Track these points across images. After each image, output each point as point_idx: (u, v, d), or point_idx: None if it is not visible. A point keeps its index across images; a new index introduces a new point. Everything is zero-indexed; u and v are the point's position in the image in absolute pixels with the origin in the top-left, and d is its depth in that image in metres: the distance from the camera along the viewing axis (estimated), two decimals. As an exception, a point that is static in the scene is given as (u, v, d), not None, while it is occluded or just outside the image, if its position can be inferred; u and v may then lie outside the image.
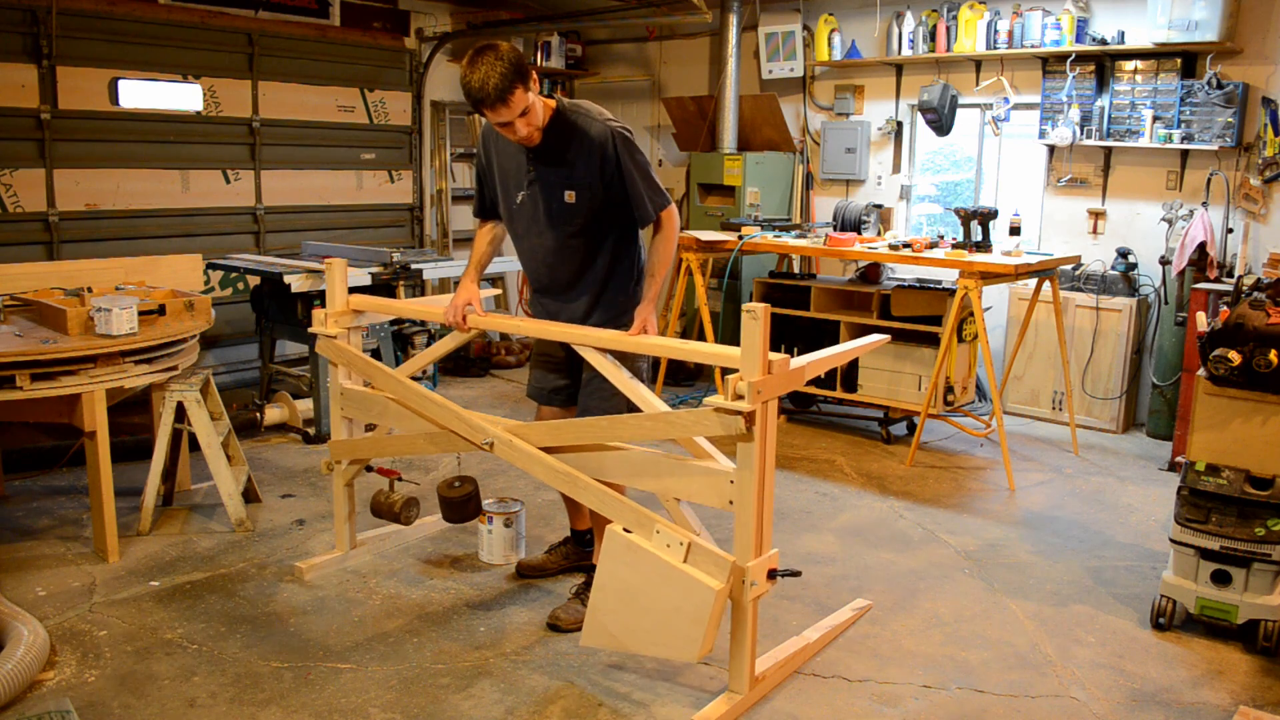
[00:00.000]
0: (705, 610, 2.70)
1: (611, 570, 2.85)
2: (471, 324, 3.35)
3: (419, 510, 3.74)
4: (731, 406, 2.62)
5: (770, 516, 2.79)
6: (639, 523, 2.84)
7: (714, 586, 2.68)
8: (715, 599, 2.68)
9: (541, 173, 3.16)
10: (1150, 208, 5.76)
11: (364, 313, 3.69)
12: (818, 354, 3.00)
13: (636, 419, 2.90)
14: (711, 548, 2.75)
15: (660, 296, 3.21)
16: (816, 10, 6.87)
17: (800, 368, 2.81)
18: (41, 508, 4.33)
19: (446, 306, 3.38)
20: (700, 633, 2.71)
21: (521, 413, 5.08)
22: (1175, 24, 5.22)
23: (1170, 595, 3.39)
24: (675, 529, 2.79)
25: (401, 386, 3.42)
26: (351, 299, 3.66)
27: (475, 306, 3.36)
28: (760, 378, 2.62)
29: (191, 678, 2.99)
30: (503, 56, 2.87)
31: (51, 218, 5.64)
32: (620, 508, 2.90)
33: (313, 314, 3.65)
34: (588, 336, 3.10)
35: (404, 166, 7.45)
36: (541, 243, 3.24)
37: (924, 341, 5.38)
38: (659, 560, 2.77)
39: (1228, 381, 3.27)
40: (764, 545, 2.77)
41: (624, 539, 2.83)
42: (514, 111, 2.94)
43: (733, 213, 6.78)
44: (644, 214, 3.16)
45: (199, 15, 6.11)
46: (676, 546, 2.76)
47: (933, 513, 4.52)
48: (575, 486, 3.02)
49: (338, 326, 3.60)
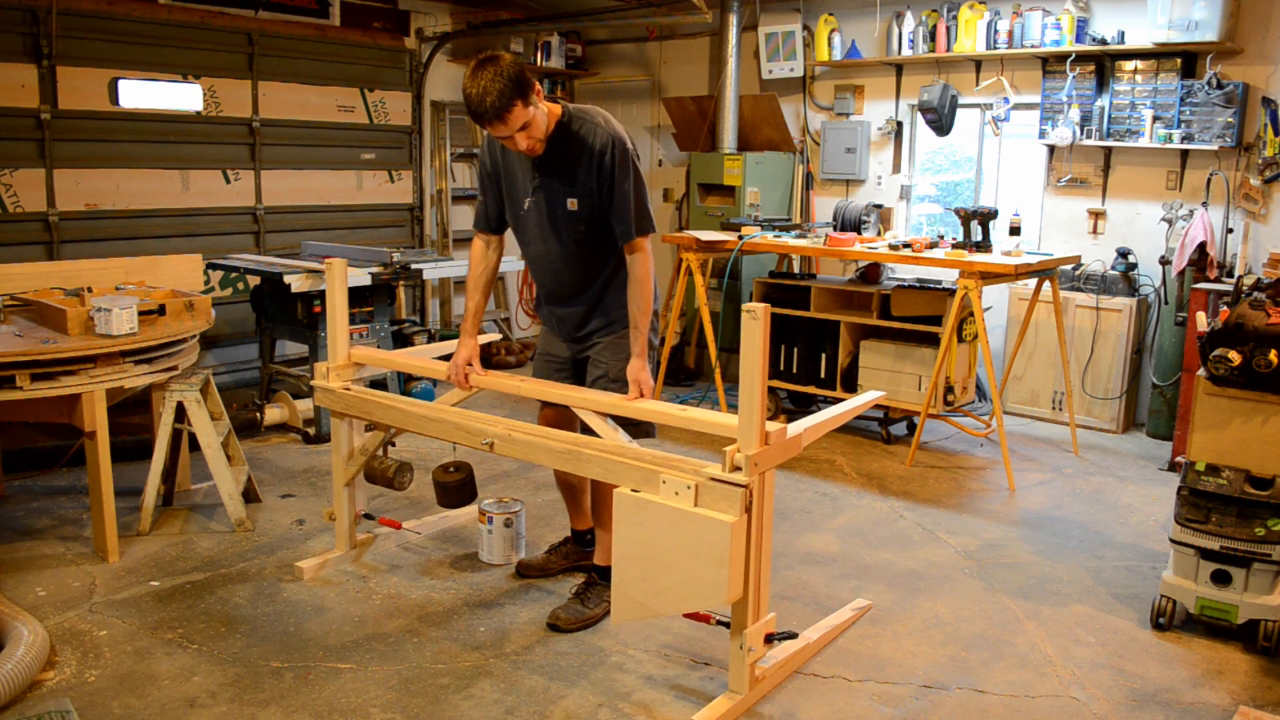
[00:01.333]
0: (724, 547, 2.61)
1: (627, 535, 2.78)
2: (474, 384, 3.42)
3: (412, 476, 3.73)
4: (730, 479, 2.63)
5: (767, 582, 2.82)
6: (645, 479, 2.79)
7: (728, 520, 2.60)
8: (732, 532, 2.60)
9: (546, 180, 3.16)
10: (1150, 208, 5.76)
11: (364, 365, 3.73)
12: (816, 418, 3.03)
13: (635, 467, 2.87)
14: (719, 481, 2.67)
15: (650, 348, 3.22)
16: (816, 10, 6.87)
17: (797, 435, 2.82)
18: (41, 508, 4.33)
19: (448, 366, 3.45)
20: (724, 574, 2.63)
21: (521, 413, 5.07)
22: (1175, 24, 5.22)
23: (1170, 595, 3.39)
24: (681, 474, 2.72)
25: (403, 415, 3.44)
26: (353, 353, 3.70)
27: (475, 365, 3.42)
28: (758, 450, 2.63)
29: (191, 678, 2.99)
30: (503, 72, 2.85)
31: (51, 218, 5.64)
32: (626, 468, 2.85)
33: (314, 368, 3.70)
34: (587, 401, 3.13)
35: (404, 166, 7.45)
36: (547, 249, 3.25)
37: (924, 341, 5.38)
38: (670, 509, 2.70)
39: (1228, 381, 3.27)
40: (761, 610, 2.78)
41: (633, 498, 2.76)
42: (512, 127, 2.94)
43: (733, 213, 6.78)
44: (624, 230, 3.12)
45: (199, 15, 6.11)
46: (685, 491, 2.69)
47: (933, 513, 4.52)
48: (579, 460, 2.98)
49: (339, 380, 3.63)
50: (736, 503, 2.62)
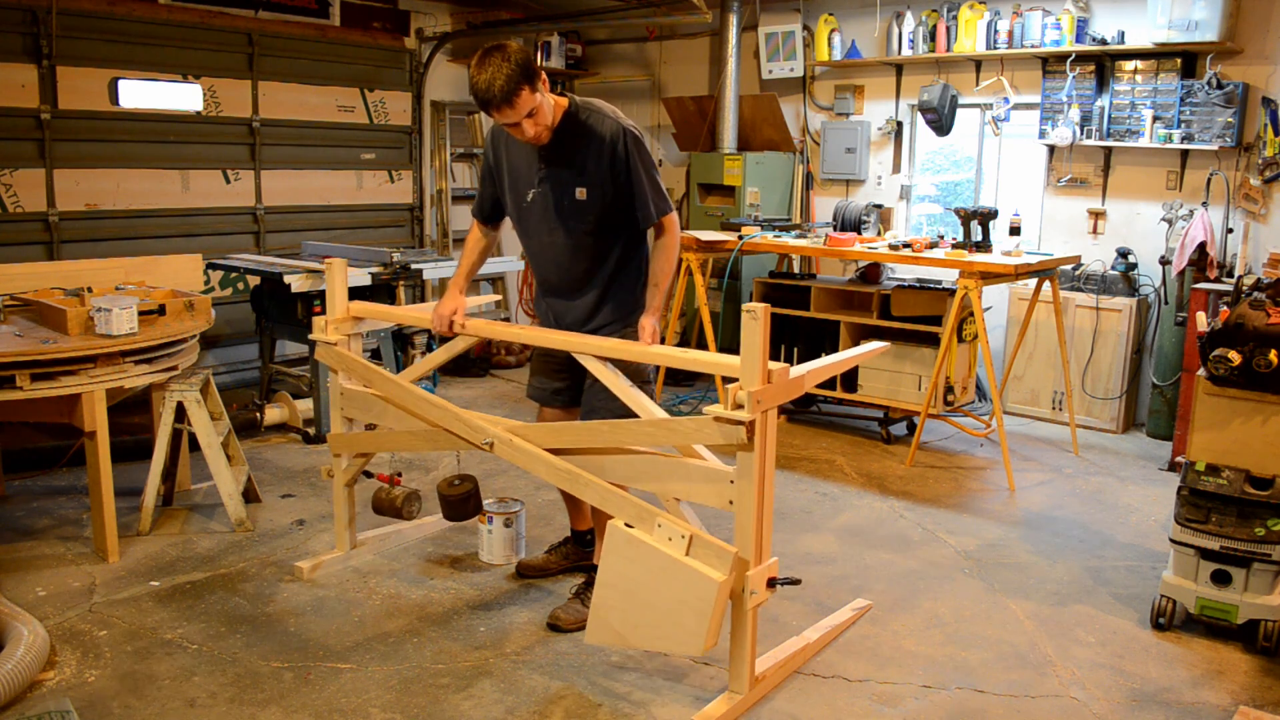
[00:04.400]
0: (708, 603, 2.68)
1: (614, 566, 2.84)
2: (458, 330, 3.33)
3: (420, 505, 3.74)
4: (731, 416, 2.62)
5: (770, 525, 2.79)
6: (640, 517, 2.83)
7: (716, 579, 2.66)
8: (718, 591, 2.66)
9: (553, 170, 3.16)
10: (1150, 208, 5.76)
11: (364, 319, 3.70)
12: (818, 362, 2.99)
13: (638, 424, 2.90)
14: (714, 541, 2.73)
15: (664, 306, 3.22)
16: (816, 10, 6.87)
17: (800, 376, 2.80)
18: (41, 508, 4.33)
19: (431, 314, 3.38)
20: (704, 626, 2.69)
21: (521, 413, 5.08)
22: (1175, 24, 5.22)
23: (1170, 595, 3.39)
24: (677, 522, 2.78)
25: (401, 391, 3.42)
26: (351, 306, 3.67)
27: (459, 316, 3.34)
28: (760, 387, 2.62)
29: (191, 678, 2.99)
30: (510, 58, 2.88)
31: (51, 218, 5.64)
32: (622, 503, 2.89)
33: (313, 321, 3.65)
34: (588, 345, 3.10)
35: (404, 166, 7.45)
36: (552, 240, 3.25)
37: (924, 341, 5.38)
38: (661, 554, 2.75)
39: (1228, 381, 3.27)
40: (764, 554, 2.76)
41: (626, 534, 2.81)
42: (520, 113, 2.95)
43: (733, 213, 6.78)
44: (646, 215, 3.17)
45: (199, 15, 6.11)
46: (678, 540, 2.74)
47: (933, 513, 4.52)
48: (577, 484, 3.01)
49: (338, 333, 3.62)
50: (727, 561, 2.68)
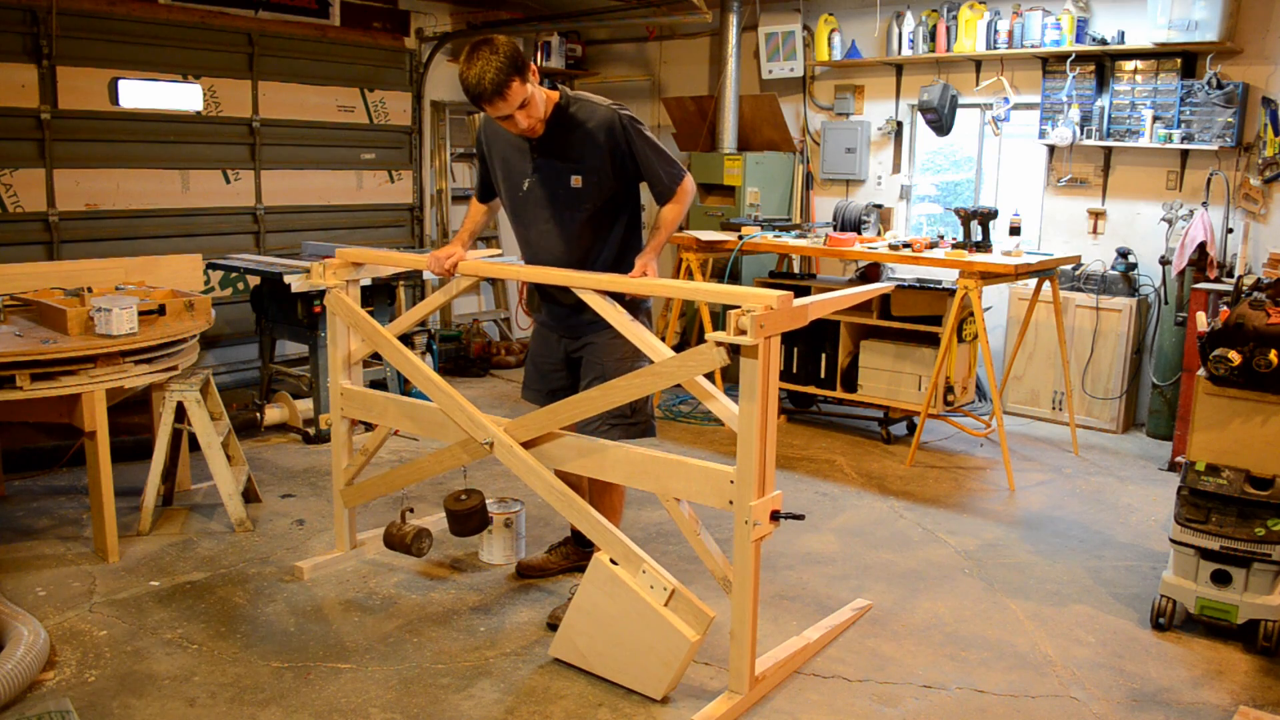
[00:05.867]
0: (678, 657, 2.77)
1: (592, 596, 2.90)
2: (458, 270, 3.34)
3: (431, 543, 3.74)
4: (734, 340, 2.59)
5: (773, 457, 2.74)
6: (627, 558, 2.87)
7: (690, 638, 2.75)
8: (689, 649, 2.75)
9: (546, 160, 3.17)
10: (1150, 208, 5.76)
11: (362, 265, 3.70)
12: (823, 295, 2.93)
13: (630, 378, 2.87)
14: (694, 600, 2.78)
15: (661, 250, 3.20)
16: (816, 10, 6.87)
17: (804, 305, 2.75)
18: (41, 508, 4.33)
19: (428, 257, 3.40)
20: (669, 675, 2.80)
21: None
22: (1175, 24, 5.22)
23: (1170, 595, 3.39)
24: (661, 573, 2.81)
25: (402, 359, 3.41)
26: (348, 251, 3.68)
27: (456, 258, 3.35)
28: (763, 311, 2.58)
29: (191, 678, 2.99)
30: (498, 50, 2.89)
31: (51, 218, 5.64)
32: (611, 539, 2.91)
33: (311, 267, 3.64)
34: (588, 280, 3.05)
35: (404, 166, 7.45)
36: (548, 229, 3.24)
37: (924, 341, 5.38)
38: (640, 599, 2.81)
39: (1228, 381, 3.27)
40: (767, 486, 2.72)
41: (609, 570, 2.86)
42: (511, 105, 2.96)
43: (733, 213, 6.78)
44: (663, 190, 3.18)
45: (199, 15, 6.11)
46: (660, 590, 2.80)
47: (933, 513, 4.52)
48: (571, 509, 3.03)
49: (336, 278, 3.61)
50: (704, 623, 2.74)
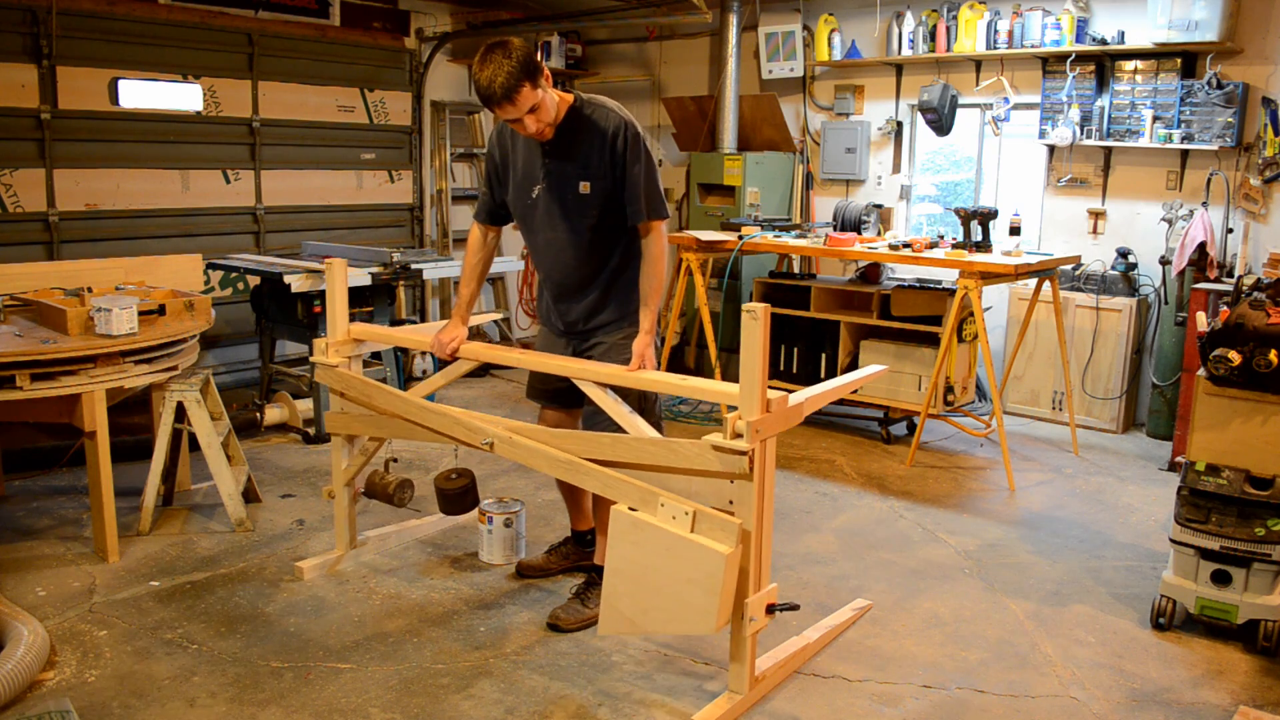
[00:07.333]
0: (717, 577, 2.64)
1: (620, 552, 2.80)
2: (460, 354, 3.37)
3: (413, 493, 3.73)
4: (731, 446, 2.62)
5: (769, 552, 2.80)
6: (644, 499, 2.80)
7: (723, 551, 2.62)
8: (725, 564, 2.62)
9: (557, 165, 3.17)
10: (1150, 208, 5.76)
11: (364, 341, 3.72)
12: (817, 388, 3.00)
13: (640, 442, 2.89)
14: (718, 515, 2.69)
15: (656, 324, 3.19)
16: (816, 10, 6.87)
17: (799, 404, 2.80)
18: (41, 508, 4.33)
19: (431, 339, 3.42)
20: (714, 603, 2.66)
21: (521, 413, 5.08)
22: (1175, 24, 5.22)
23: (1170, 595, 3.39)
24: (680, 500, 2.74)
25: (401, 402, 3.43)
26: (352, 328, 3.69)
27: (458, 343, 3.38)
28: (759, 417, 2.62)
29: (191, 678, 2.99)
30: (511, 54, 2.90)
31: (51, 218, 5.64)
32: (624, 487, 2.86)
33: (313, 344, 3.68)
34: (586, 371, 3.10)
35: (404, 166, 7.45)
36: (556, 236, 3.25)
37: (924, 341, 5.38)
38: (666, 533, 2.72)
39: (1228, 381, 3.27)
40: (763, 580, 2.77)
41: (630, 517, 2.77)
42: (521, 109, 2.96)
43: (733, 213, 6.78)
44: (635, 211, 3.14)
45: (199, 15, 6.11)
46: (682, 517, 2.71)
47: (933, 513, 4.52)
48: (578, 473, 2.99)
49: (339, 356, 3.63)
50: (733, 534, 2.64)
